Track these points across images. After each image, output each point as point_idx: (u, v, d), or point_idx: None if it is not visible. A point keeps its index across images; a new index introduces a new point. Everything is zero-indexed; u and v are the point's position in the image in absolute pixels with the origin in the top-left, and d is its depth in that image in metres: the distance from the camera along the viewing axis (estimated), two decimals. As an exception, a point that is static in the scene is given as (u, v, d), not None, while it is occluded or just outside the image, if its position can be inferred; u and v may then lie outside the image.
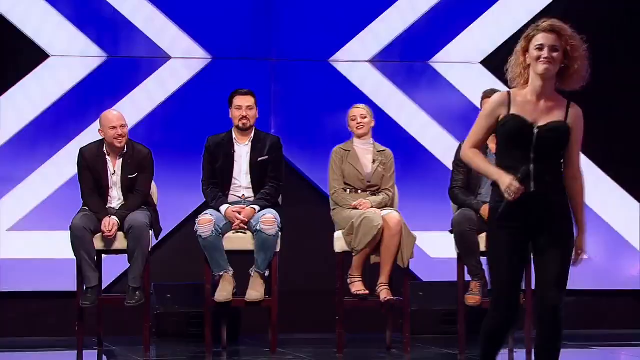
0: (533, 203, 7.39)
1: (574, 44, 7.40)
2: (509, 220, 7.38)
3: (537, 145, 7.35)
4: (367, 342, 12.94)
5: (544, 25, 7.41)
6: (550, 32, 7.37)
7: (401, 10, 14.77)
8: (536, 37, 7.40)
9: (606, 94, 14.53)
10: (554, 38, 7.36)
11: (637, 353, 13.65)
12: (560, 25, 7.42)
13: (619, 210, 14.99)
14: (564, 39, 7.37)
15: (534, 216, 7.40)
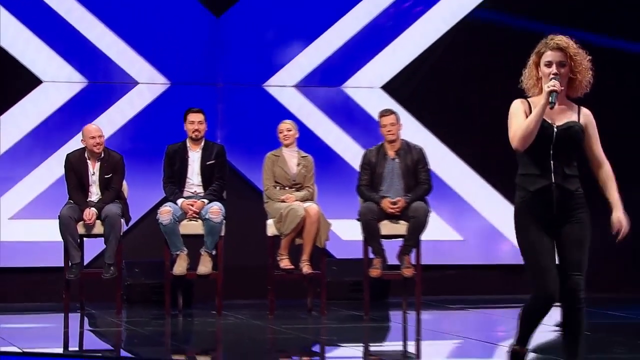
0: (555, 193, 7.04)
1: (578, 59, 7.10)
2: (537, 210, 7.02)
3: (556, 143, 7.02)
4: (293, 307, 12.87)
5: (552, 44, 7.10)
6: (557, 49, 7.07)
7: (320, 44, 14.75)
8: (545, 54, 7.12)
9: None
10: (560, 55, 7.06)
11: (506, 313, 13.66)
12: (567, 43, 7.11)
13: (488, 202, 15.00)
14: (569, 55, 7.06)
15: (556, 205, 7.04)
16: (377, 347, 11.36)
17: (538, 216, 7.00)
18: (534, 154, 7.00)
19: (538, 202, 6.99)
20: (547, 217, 7.00)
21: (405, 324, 12.53)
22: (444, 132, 14.81)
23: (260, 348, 11.05)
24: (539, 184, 6.99)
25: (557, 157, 7.01)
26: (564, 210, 7.01)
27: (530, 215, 7.01)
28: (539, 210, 6.99)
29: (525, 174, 7.07)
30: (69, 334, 11.99)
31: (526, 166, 7.07)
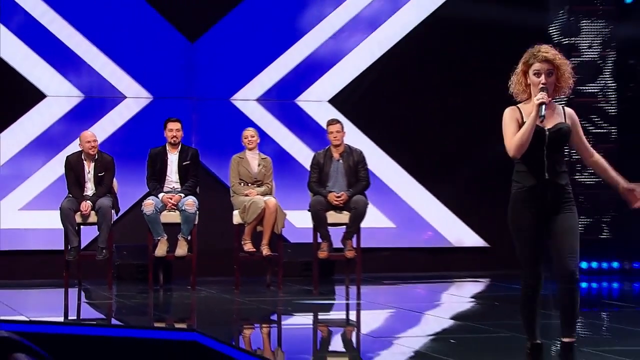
0: (548, 188, 6.73)
1: (562, 68, 6.75)
2: (531, 203, 6.73)
3: (548, 143, 6.71)
4: (255, 283, 12.81)
5: (540, 55, 6.74)
6: (544, 61, 6.72)
7: (277, 66, 14.68)
8: (534, 65, 6.77)
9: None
10: (548, 65, 6.72)
11: (430, 287, 13.73)
12: (553, 55, 6.77)
13: (416, 196, 15.05)
14: (555, 64, 6.73)
15: (549, 199, 6.72)
16: (324, 315, 11.37)
17: (532, 208, 6.74)
18: (529, 154, 6.74)
19: (533, 196, 6.74)
20: (541, 208, 6.73)
21: (348, 296, 12.57)
22: (380, 137, 14.83)
23: (227, 316, 11.10)
24: (534, 180, 6.74)
25: (549, 156, 6.74)
26: (556, 203, 6.73)
27: (525, 207, 6.77)
28: (533, 203, 6.73)
29: (522, 171, 6.83)
30: (69, 305, 12.00)
31: (522, 164, 6.82)
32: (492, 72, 14.69)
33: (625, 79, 15.08)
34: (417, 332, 10.14)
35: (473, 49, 14.81)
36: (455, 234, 15.09)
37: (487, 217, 14.97)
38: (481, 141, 14.98)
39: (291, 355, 8.93)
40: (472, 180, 14.96)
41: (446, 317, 11.38)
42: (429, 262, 14.85)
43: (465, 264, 14.78)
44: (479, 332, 9.70)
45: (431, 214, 15.04)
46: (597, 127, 14.94)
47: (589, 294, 13.44)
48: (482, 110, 14.95)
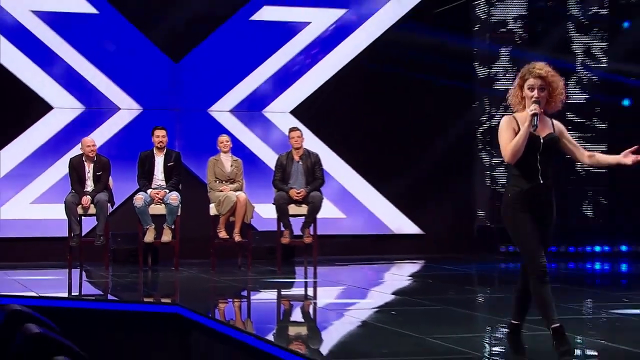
0: (541, 191, 6.39)
1: (554, 84, 6.42)
2: (527, 205, 6.33)
3: (542, 150, 6.37)
4: (228, 265, 12.73)
5: (535, 72, 6.41)
6: (538, 77, 6.39)
7: (247, 82, 14.66)
8: (529, 80, 6.41)
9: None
10: (541, 81, 6.38)
11: (376, 268, 13.78)
12: (546, 72, 6.44)
13: (364, 191, 15.08)
14: (547, 80, 6.40)
15: (541, 201, 6.38)
16: (286, 292, 11.40)
17: (526, 208, 6.34)
18: (524, 160, 6.37)
19: (528, 198, 6.34)
20: (534, 209, 6.36)
21: (306, 276, 12.58)
22: (333, 142, 14.86)
23: (205, 293, 11.09)
24: (529, 184, 6.36)
25: (542, 162, 6.40)
26: (546, 205, 6.40)
27: (520, 207, 6.35)
28: (527, 204, 6.34)
29: (518, 175, 6.41)
30: (72, 283, 11.99)
31: (518, 169, 6.39)
32: (428, 86, 14.90)
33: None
34: (363, 306, 10.15)
35: (412, 66, 14.82)
36: (396, 223, 15.11)
37: (422, 208, 15.05)
38: (418, 145, 15.05)
39: (259, 324, 8.91)
40: (410, 177, 14.98)
41: (388, 293, 11.43)
42: (374, 246, 14.87)
43: (403, 248, 14.78)
44: (415, 305, 9.74)
45: (375, 206, 15.07)
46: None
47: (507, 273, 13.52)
48: (419, 118, 15.05)
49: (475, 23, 15.28)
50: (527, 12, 15.15)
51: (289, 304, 10.51)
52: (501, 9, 15.14)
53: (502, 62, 15.11)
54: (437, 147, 15.06)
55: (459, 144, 15.18)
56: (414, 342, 7.33)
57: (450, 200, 15.03)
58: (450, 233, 14.97)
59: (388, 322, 8.54)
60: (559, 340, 6.31)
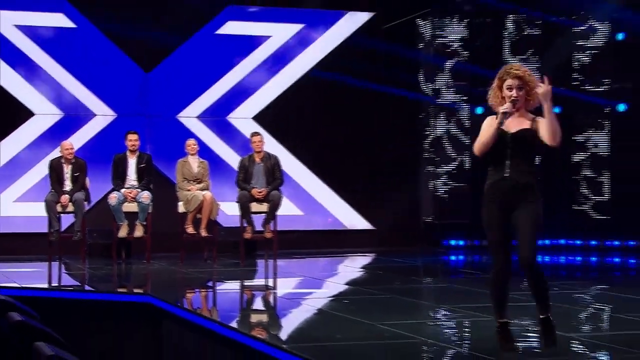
0: (507, 185, 6.08)
1: (531, 83, 6.16)
2: (494, 197, 6.10)
3: (512, 146, 6.10)
4: (195, 258, 12.70)
5: (511, 72, 6.18)
6: (515, 77, 6.16)
7: (213, 90, 14.63)
8: (507, 81, 6.18)
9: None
10: (518, 81, 6.15)
11: (327, 260, 13.80)
12: (523, 70, 6.21)
13: (319, 191, 15.09)
14: (525, 79, 6.16)
15: (510, 194, 6.06)
16: (249, 282, 11.38)
17: (496, 201, 6.10)
18: (494, 155, 6.15)
19: (495, 191, 6.12)
20: (504, 202, 6.08)
21: (267, 268, 12.58)
22: (292, 146, 14.87)
23: (174, 283, 11.05)
24: (496, 177, 6.14)
25: (512, 157, 6.11)
26: (516, 199, 6.07)
27: (490, 200, 6.13)
28: (496, 197, 6.10)
29: (490, 169, 6.20)
30: (52, 275, 11.89)
31: (492, 164, 6.16)
32: (378, 95, 14.96)
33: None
34: (319, 295, 10.16)
35: (364, 77, 14.87)
36: (349, 219, 15.15)
37: (373, 206, 15.10)
38: (369, 149, 15.09)
39: (223, 312, 8.91)
40: (362, 178, 15.03)
41: (342, 283, 11.44)
42: (329, 240, 14.87)
43: (356, 242, 14.81)
44: (366, 294, 9.77)
45: (330, 204, 15.10)
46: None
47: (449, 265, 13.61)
48: (370, 125, 15.10)
49: (420, 39, 15.36)
50: (468, 30, 15.27)
51: (251, 294, 10.51)
52: (443, 27, 15.26)
53: (444, 76, 15.25)
54: (387, 150, 15.10)
55: (407, 148, 15.24)
56: (365, 329, 7.36)
57: (399, 198, 15.08)
58: (398, 228, 15.01)
59: (342, 310, 8.56)
60: (502, 338, 6.27)
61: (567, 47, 15.09)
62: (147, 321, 8.95)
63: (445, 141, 15.26)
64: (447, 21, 15.29)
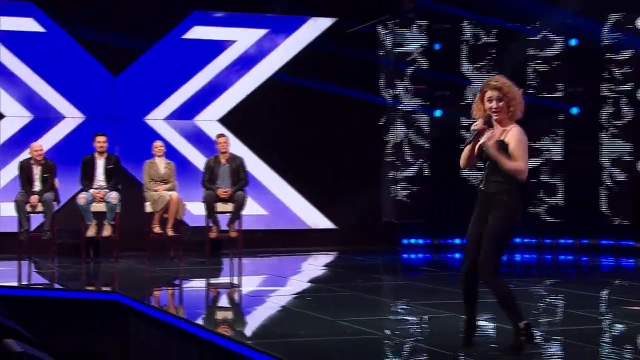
0: (483, 195, 6.10)
1: (510, 95, 6.09)
2: (475, 206, 6.13)
3: (486, 156, 6.09)
4: (162, 257, 12.67)
5: (491, 84, 6.11)
6: (494, 89, 6.09)
7: (180, 93, 14.50)
8: (487, 93, 6.11)
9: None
10: (497, 93, 6.07)
11: (291, 259, 13.76)
12: (502, 82, 6.13)
13: (283, 191, 15.06)
14: (504, 91, 6.07)
15: (483, 205, 6.10)
16: (214, 280, 11.38)
17: (475, 210, 6.14)
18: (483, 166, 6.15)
19: (477, 200, 6.16)
20: (480, 212, 6.12)
21: (232, 266, 12.58)
22: (256, 147, 14.79)
23: (141, 281, 11.05)
24: (479, 188, 6.18)
25: (488, 169, 6.10)
26: (488, 210, 6.07)
27: (474, 209, 6.16)
28: (476, 206, 6.14)
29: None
30: (21, 273, 11.85)
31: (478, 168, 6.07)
32: (340, 98, 14.98)
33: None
34: (283, 292, 10.19)
35: (326, 78, 14.87)
36: (312, 218, 15.16)
37: (335, 206, 15.12)
38: (332, 150, 15.11)
39: (189, 309, 8.92)
40: (325, 179, 15.03)
41: (305, 281, 11.47)
42: (292, 239, 14.85)
43: (319, 241, 14.81)
44: (328, 291, 9.81)
45: (294, 204, 15.10)
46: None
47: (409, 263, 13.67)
48: (333, 127, 15.12)
49: (381, 45, 15.42)
50: (427, 36, 15.36)
51: (217, 292, 10.52)
52: (403, 33, 15.34)
53: (404, 81, 15.33)
54: (350, 153, 15.14)
55: (370, 151, 15.28)
56: (327, 325, 7.40)
57: (361, 199, 15.12)
58: (360, 228, 15.04)
59: (305, 307, 8.60)
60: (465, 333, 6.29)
61: (522, 53, 15.20)
62: (115, 319, 8.94)
63: (405, 145, 15.34)
64: (406, 28, 15.36)
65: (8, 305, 5.17)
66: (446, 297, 9.06)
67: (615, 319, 8.01)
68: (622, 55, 14.55)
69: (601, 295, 9.78)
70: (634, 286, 10.45)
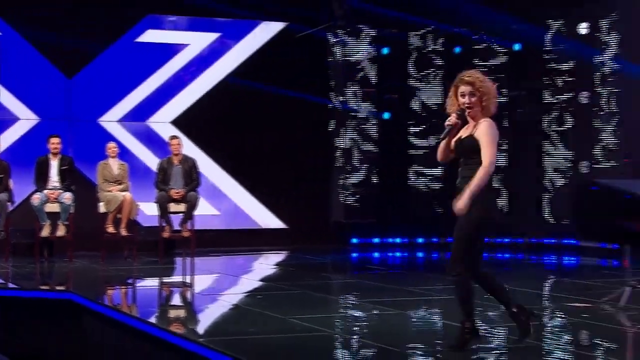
0: (457, 192, 5.87)
1: (483, 89, 5.92)
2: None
3: (459, 152, 5.97)
4: (116, 257, 12.55)
5: (463, 79, 5.95)
6: (467, 84, 5.92)
7: (133, 96, 14.47)
8: (460, 87, 5.95)
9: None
10: (470, 87, 5.90)
11: (242, 258, 13.72)
12: (474, 77, 5.97)
13: (235, 192, 15.06)
14: (476, 86, 5.90)
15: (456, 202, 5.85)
16: (167, 279, 11.34)
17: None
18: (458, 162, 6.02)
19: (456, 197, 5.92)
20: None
21: (185, 266, 12.53)
22: (208, 148, 14.78)
23: (95, 280, 10.97)
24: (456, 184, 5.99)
25: (463, 164, 5.97)
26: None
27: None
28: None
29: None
30: (-25, 273, 11.80)
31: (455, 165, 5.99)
32: (291, 99, 15.01)
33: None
34: (235, 291, 10.20)
35: (276, 81, 14.90)
36: (263, 218, 15.17)
37: (286, 206, 15.14)
38: (283, 152, 15.13)
39: (142, 308, 8.90)
40: (276, 179, 15.05)
41: (256, 280, 11.49)
42: (244, 239, 14.84)
43: (270, 241, 14.82)
44: (279, 289, 9.83)
45: (245, 204, 15.10)
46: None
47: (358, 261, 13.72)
48: (284, 130, 15.14)
49: (330, 50, 15.47)
50: (374, 41, 15.46)
51: (170, 291, 10.49)
52: (351, 38, 15.42)
53: (353, 86, 15.42)
54: (300, 154, 15.16)
55: (319, 152, 15.32)
56: (277, 322, 7.42)
57: (311, 199, 15.15)
58: (310, 228, 15.07)
59: (255, 305, 8.62)
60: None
61: (467, 57, 15.34)
62: (69, 318, 8.89)
63: (353, 147, 15.42)
64: (354, 33, 15.44)
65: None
66: (393, 295, 9.12)
67: (556, 314, 8.11)
68: (565, 65, 14.67)
69: (543, 291, 9.90)
70: (575, 283, 10.59)
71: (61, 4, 14.15)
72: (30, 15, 14.00)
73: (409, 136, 15.57)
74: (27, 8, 13.99)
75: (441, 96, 15.47)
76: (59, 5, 14.12)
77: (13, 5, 13.99)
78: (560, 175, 14.71)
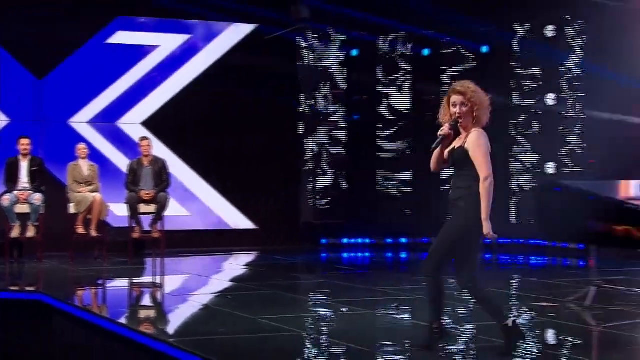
0: (448, 200, 5.93)
1: (474, 100, 5.89)
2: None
3: (452, 163, 5.96)
4: (86, 257, 12.54)
5: (455, 89, 5.94)
6: (458, 94, 5.90)
7: (103, 97, 14.39)
8: (451, 97, 5.92)
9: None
10: (461, 97, 5.87)
11: (213, 258, 13.70)
12: (466, 87, 5.94)
13: (205, 193, 15.02)
14: (467, 96, 5.87)
15: (449, 210, 5.91)
16: (137, 280, 11.31)
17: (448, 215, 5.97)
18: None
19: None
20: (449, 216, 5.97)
21: (155, 266, 12.48)
22: (179, 149, 14.74)
23: (65, 281, 10.92)
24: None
25: (455, 173, 5.98)
26: (451, 213, 5.94)
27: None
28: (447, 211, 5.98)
29: None
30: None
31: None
32: (261, 102, 15.01)
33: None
34: (205, 291, 10.20)
35: (246, 83, 14.91)
36: (233, 219, 15.15)
37: (256, 207, 15.13)
38: (253, 154, 15.12)
39: (112, 308, 8.88)
40: (247, 181, 15.04)
41: (226, 280, 11.48)
42: (214, 240, 14.81)
43: (240, 241, 14.82)
44: (249, 290, 9.83)
45: (216, 205, 15.07)
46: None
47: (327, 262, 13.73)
48: (254, 131, 15.13)
49: (299, 53, 15.49)
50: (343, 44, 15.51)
51: (140, 291, 10.47)
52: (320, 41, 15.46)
53: (322, 89, 15.45)
54: (271, 156, 15.15)
55: (289, 154, 15.33)
56: (247, 322, 7.42)
57: (281, 200, 15.17)
58: (280, 228, 15.07)
59: (225, 306, 8.61)
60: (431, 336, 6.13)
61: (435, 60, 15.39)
62: (39, 318, 8.84)
63: (323, 150, 15.45)
64: (323, 36, 15.47)
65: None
66: (362, 295, 9.13)
67: (524, 313, 8.14)
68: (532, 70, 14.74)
69: (511, 291, 9.94)
70: (542, 282, 10.65)
71: (31, 5, 14.05)
72: (0, 17, 13.91)
73: (378, 140, 15.60)
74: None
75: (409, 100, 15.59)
76: (28, 5, 14.03)
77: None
78: (529, 177, 14.78)
